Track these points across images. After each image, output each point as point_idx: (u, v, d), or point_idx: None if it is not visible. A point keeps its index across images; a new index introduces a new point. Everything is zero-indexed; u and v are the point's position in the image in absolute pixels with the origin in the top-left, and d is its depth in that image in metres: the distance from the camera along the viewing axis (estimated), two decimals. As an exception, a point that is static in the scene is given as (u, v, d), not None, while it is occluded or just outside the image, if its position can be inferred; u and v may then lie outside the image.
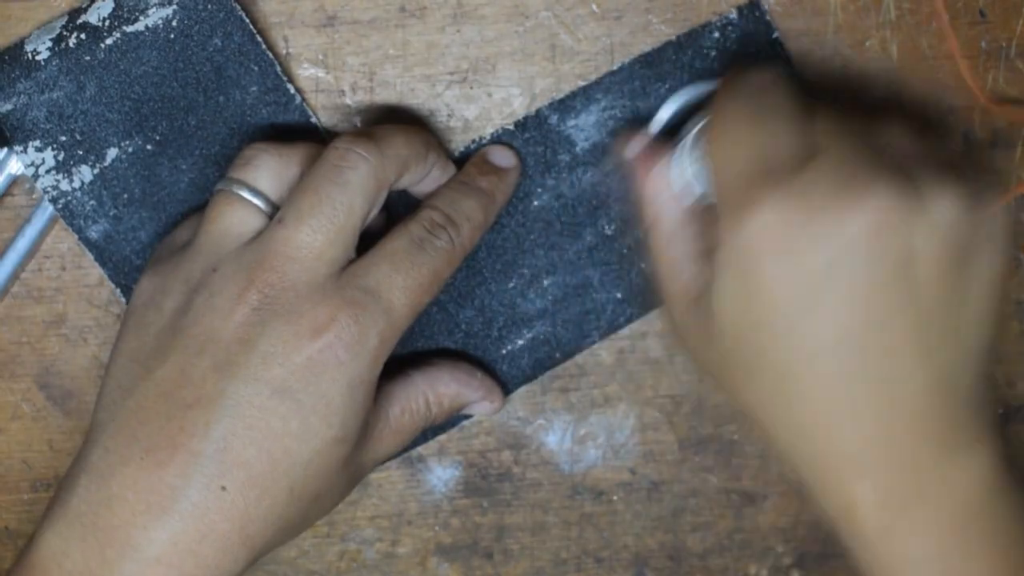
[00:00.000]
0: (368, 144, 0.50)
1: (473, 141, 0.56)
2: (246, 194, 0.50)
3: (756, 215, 0.46)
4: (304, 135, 0.55)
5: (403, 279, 0.50)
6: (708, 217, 0.51)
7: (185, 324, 0.49)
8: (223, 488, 0.47)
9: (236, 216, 0.50)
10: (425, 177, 0.53)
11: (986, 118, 0.57)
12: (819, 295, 0.46)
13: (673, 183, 0.52)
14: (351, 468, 0.51)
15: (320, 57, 0.56)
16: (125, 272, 0.55)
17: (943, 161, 0.48)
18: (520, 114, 0.56)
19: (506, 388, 0.58)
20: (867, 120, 0.49)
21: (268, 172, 0.50)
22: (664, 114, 0.55)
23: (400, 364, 0.54)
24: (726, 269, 0.48)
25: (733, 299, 0.48)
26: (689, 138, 0.52)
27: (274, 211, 0.50)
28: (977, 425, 0.48)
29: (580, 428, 0.59)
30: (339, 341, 0.48)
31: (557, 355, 0.58)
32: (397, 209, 0.55)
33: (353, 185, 0.49)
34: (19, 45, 0.54)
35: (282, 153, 0.51)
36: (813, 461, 0.49)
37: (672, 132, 0.54)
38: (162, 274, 0.51)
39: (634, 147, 0.54)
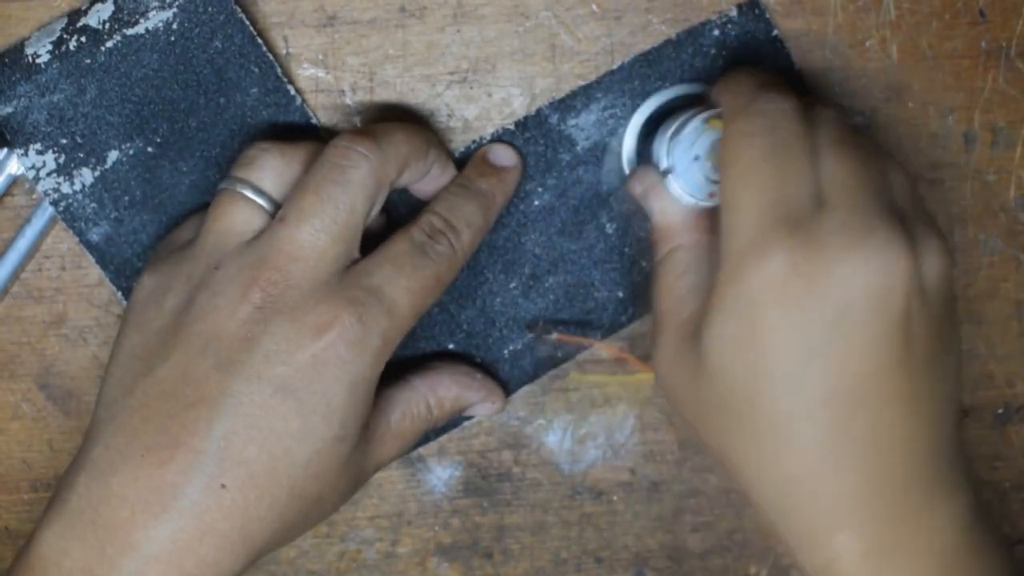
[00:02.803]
0: (369, 142, 0.50)
1: (473, 141, 0.56)
2: (249, 193, 0.50)
3: (765, 263, 0.46)
4: (304, 136, 0.55)
5: (406, 281, 0.50)
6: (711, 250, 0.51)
7: (187, 322, 0.49)
8: (223, 486, 0.47)
9: (239, 215, 0.50)
10: (426, 175, 0.53)
11: (986, 118, 0.57)
12: (822, 347, 0.46)
13: (673, 192, 0.52)
14: (352, 470, 0.51)
15: (320, 57, 0.56)
16: (126, 275, 0.55)
17: (927, 214, 0.49)
18: (520, 114, 0.56)
19: (507, 388, 0.58)
20: (871, 161, 0.49)
21: (271, 172, 0.50)
22: (642, 116, 0.56)
23: (400, 369, 0.54)
24: (727, 313, 0.47)
25: (732, 344, 0.47)
26: (690, 143, 0.52)
27: (277, 210, 0.50)
28: (954, 475, 0.48)
29: (580, 428, 0.59)
30: (341, 340, 0.48)
31: (559, 355, 0.58)
32: (398, 210, 0.55)
33: (355, 183, 0.49)
34: (19, 48, 0.54)
35: (285, 152, 0.51)
36: (796, 513, 0.48)
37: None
38: (164, 272, 0.51)
39: (641, 182, 0.54)
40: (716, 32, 0.56)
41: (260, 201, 0.50)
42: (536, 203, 0.56)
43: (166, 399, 0.48)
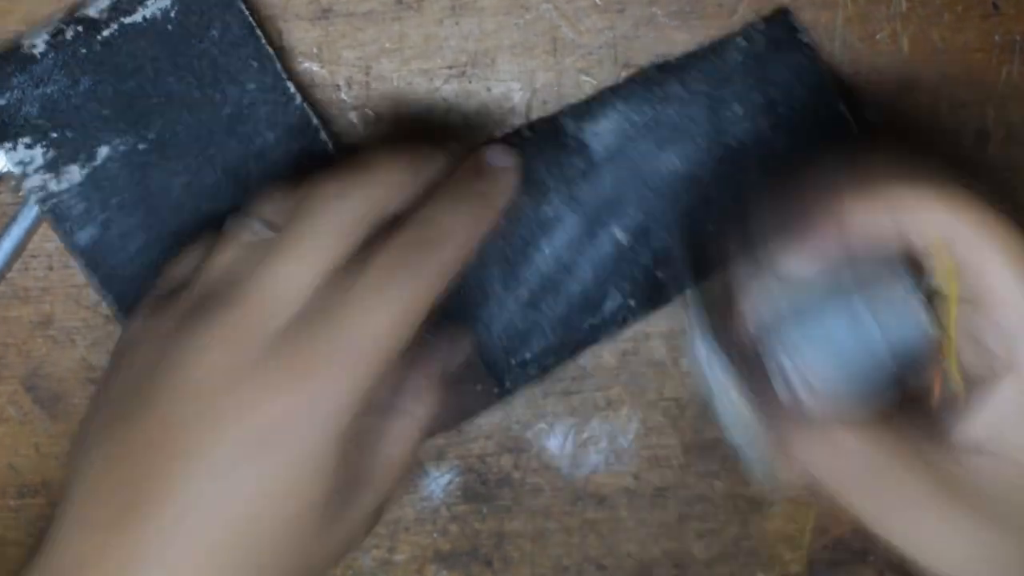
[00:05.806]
0: (341, 187, 0.48)
1: (484, 144, 0.55)
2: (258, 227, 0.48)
3: None
4: (304, 134, 0.54)
5: (388, 307, 0.46)
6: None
7: (159, 375, 0.46)
8: (191, 555, 0.45)
9: (239, 258, 0.48)
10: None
11: (1000, 113, 0.57)
12: None
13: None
14: (341, 526, 0.48)
15: (315, 51, 0.55)
16: (114, 281, 0.54)
17: None
18: (520, 109, 0.56)
19: (511, 392, 0.57)
20: None
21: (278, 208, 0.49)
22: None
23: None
24: None
25: None
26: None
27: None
28: None
29: (582, 432, 0.59)
30: (319, 390, 0.45)
31: (564, 356, 0.57)
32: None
33: (331, 227, 0.47)
34: (16, 40, 0.53)
35: (288, 195, 0.49)
36: None
37: None
38: (144, 318, 0.49)
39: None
40: (742, 40, 0.55)
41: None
42: (544, 207, 0.55)
43: (135, 460, 0.46)
